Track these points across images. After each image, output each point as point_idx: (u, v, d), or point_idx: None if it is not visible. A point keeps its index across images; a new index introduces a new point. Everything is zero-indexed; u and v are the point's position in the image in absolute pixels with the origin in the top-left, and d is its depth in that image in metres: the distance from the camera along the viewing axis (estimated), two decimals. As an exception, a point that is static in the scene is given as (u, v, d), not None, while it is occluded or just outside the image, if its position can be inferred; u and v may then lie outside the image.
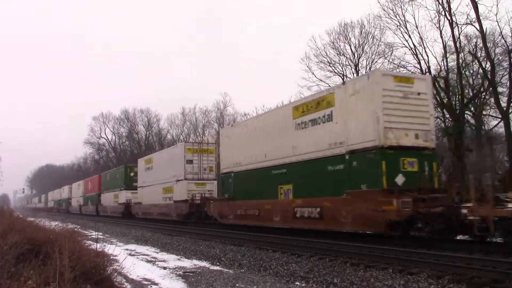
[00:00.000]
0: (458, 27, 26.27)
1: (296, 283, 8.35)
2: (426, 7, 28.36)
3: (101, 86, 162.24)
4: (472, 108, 29.62)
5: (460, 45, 26.61)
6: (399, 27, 28.97)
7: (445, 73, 27.79)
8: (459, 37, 26.55)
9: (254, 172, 17.21)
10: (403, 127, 11.90)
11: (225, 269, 10.10)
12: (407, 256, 9.40)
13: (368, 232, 13.61)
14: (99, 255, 7.35)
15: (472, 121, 32.62)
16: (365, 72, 31.99)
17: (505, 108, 25.32)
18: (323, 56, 35.26)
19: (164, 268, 10.44)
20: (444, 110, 28.53)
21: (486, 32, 24.88)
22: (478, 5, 24.17)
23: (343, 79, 33.72)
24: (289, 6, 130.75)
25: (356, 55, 34.48)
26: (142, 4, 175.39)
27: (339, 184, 12.62)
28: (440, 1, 26.57)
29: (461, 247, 10.28)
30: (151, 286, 8.30)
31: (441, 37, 27.43)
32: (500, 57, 26.88)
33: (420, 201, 10.68)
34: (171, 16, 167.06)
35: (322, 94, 14.26)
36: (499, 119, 27.31)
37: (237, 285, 8.16)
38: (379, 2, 29.49)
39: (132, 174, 36.23)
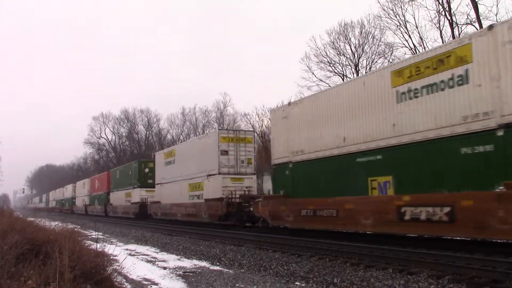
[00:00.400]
0: (458, 27, 26.35)
1: (296, 283, 8.35)
2: (426, 7, 28.62)
3: (101, 86, 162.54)
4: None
5: (460, 45, 26.58)
6: (399, 27, 29.10)
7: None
8: (459, 37, 26.56)
9: (325, 161, 13.49)
10: None
11: (225, 269, 10.10)
12: (407, 256, 9.39)
13: (368, 232, 13.40)
14: (99, 255, 7.35)
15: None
16: (365, 72, 32.05)
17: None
18: (323, 56, 35.39)
19: (164, 268, 10.44)
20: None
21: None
22: (478, 5, 24.24)
23: (343, 79, 33.81)
24: (290, 6, 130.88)
25: (356, 55, 34.59)
26: (143, 5, 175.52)
27: (483, 173, 9.06)
28: (440, 1, 26.68)
29: (461, 247, 10.29)
30: (151, 286, 8.30)
31: (441, 37, 27.54)
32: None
33: None
34: (172, 17, 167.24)
35: (446, 48, 10.18)
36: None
37: (237, 285, 8.16)
38: (379, 2, 29.66)
39: (146, 170, 32.88)
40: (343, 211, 12.49)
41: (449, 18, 26.37)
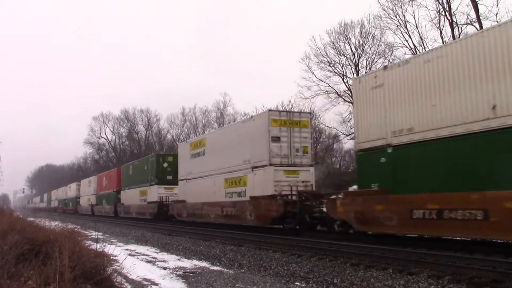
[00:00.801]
0: (458, 27, 26.37)
1: (296, 283, 8.35)
2: (426, 7, 28.58)
3: (101, 86, 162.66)
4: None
5: (460, 45, 26.61)
6: (399, 27, 29.11)
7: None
8: (459, 37, 26.58)
9: (456, 141, 9.90)
10: None
11: (225, 269, 10.10)
12: (407, 256, 9.40)
13: (369, 232, 13.31)
14: (99, 255, 7.35)
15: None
16: (365, 72, 32.03)
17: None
18: (323, 56, 35.39)
19: (164, 268, 10.45)
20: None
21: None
22: (478, 5, 24.25)
23: (343, 79, 33.86)
24: (289, 6, 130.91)
25: (356, 55, 34.61)
26: (143, 6, 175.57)
27: None
28: (440, 1, 26.69)
29: (461, 247, 10.29)
30: (151, 286, 8.30)
31: (441, 37, 27.56)
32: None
33: None
34: (172, 18, 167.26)
35: None
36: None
37: (237, 285, 8.16)
38: (379, 2, 29.64)
39: (165, 164, 29.18)
40: (499, 213, 8.76)
41: (449, 18, 26.40)
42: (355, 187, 13.20)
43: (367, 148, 12.28)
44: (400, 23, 29.18)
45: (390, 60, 31.28)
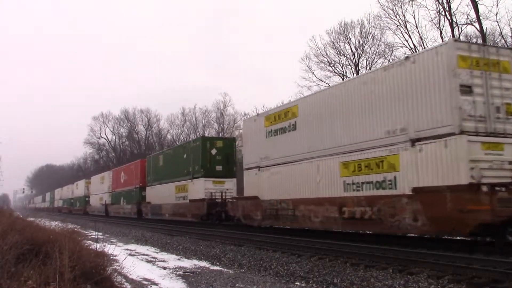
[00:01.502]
0: (458, 27, 26.38)
1: (296, 283, 8.35)
2: (426, 7, 28.63)
3: (101, 86, 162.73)
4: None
5: (460, 45, 26.62)
6: (399, 27, 29.11)
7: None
8: (459, 37, 26.59)
9: None
10: None
11: (225, 269, 10.10)
12: (407, 256, 9.39)
13: (368, 232, 13.40)
14: (99, 255, 7.36)
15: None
16: (366, 72, 31.98)
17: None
18: (323, 56, 35.39)
19: (164, 268, 10.45)
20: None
21: (486, 32, 24.95)
22: (478, 5, 24.26)
23: (343, 79, 33.80)
24: (289, 6, 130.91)
25: (356, 55, 34.61)
26: (143, 6, 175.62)
27: None
28: (440, 1, 26.68)
29: (461, 247, 10.29)
30: (151, 286, 8.30)
31: (441, 37, 27.57)
32: (500, 57, 26.89)
33: None
34: (172, 18, 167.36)
35: None
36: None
37: (237, 285, 8.16)
38: (379, 2, 29.65)
39: (214, 151, 22.84)
40: None
41: (449, 18, 26.41)
42: None
43: None
44: (400, 23, 29.23)
45: (390, 60, 31.24)
